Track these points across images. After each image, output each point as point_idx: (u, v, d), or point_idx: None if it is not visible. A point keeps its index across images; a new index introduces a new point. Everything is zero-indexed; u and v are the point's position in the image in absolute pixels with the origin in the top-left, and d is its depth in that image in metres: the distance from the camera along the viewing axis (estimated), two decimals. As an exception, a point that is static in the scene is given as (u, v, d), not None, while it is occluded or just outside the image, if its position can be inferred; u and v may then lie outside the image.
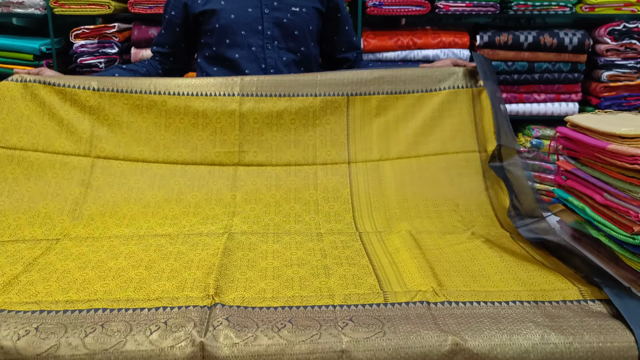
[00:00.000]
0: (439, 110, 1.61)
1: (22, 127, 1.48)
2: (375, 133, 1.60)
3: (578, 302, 1.00)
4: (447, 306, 0.97)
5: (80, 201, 1.44)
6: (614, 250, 1.14)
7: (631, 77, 2.52)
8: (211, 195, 1.49)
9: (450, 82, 1.63)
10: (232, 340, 0.87)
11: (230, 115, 1.55)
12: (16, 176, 1.44)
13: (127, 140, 1.53)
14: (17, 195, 1.41)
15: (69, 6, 2.46)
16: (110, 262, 1.16)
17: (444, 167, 1.56)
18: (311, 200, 1.50)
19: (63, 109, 1.51)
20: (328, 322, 0.92)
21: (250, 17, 1.73)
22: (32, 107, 1.50)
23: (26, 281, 1.06)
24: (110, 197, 1.46)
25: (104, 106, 1.53)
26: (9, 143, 1.47)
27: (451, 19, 2.83)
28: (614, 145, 1.08)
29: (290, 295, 1.03)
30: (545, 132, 2.60)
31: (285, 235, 1.34)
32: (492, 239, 1.32)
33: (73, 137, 1.51)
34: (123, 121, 1.53)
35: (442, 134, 1.59)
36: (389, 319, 0.93)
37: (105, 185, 1.48)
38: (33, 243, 1.28)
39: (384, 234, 1.36)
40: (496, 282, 1.08)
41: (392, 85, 1.61)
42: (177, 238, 1.31)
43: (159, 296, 1.01)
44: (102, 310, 0.95)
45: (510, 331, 0.90)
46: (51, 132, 1.50)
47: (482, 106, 1.61)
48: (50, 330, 0.88)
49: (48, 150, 1.49)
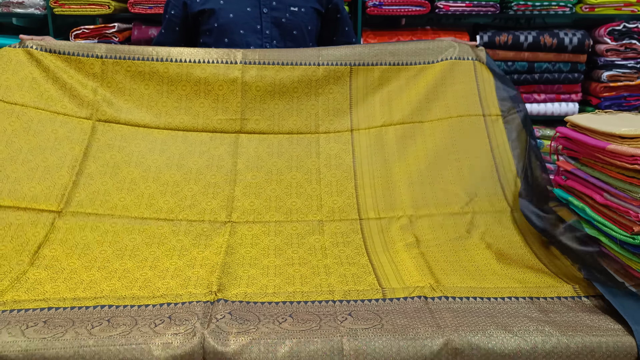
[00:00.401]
0: (441, 79, 1.61)
1: (25, 86, 1.50)
2: (378, 102, 1.60)
3: (572, 298, 1.02)
4: (444, 301, 0.99)
5: (80, 159, 1.44)
6: (614, 250, 1.14)
7: (631, 77, 2.52)
8: (212, 162, 1.49)
9: (451, 54, 1.64)
10: (234, 331, 0.89)
11: (232, 83, 1.56)
12: (15, 128, 1.43)
13: (130, 106, 1.54)
14: (15, 147, 1.40)
15: (69, 6, 2.46)
16: (116, 262, 1.17)
17: (447, 129, 1.55)
18: (313, 168, 1.50)
19: (67, 74, 1.53)
20: (328, 316, 0.94)
21: (248, 17, 1.74)
22: (36, 72, 1.52)
23: (34, 279, 1.08)
24: (111, 159, 1.46)
25: (107, 72, 1.55)
26: (11, 99, 1.48)
27: (451, 19, 2.83)
28: (613, 145, 1.08)
29: (292, 290, 1.04)
30: (545, 132, 2.60)
31: (287, 224, 1.34)
32: (492, 227, 1.32)
33: (75, 100, 1.52)
34: (126, 87, 1.55)
35: (445, 101, 1.59)
36: (386, 313, 0.95)
37: (106, 147, 1.48)
38: (35, 215, 1.27)
39: (384, 223, 1.35)
40: (492, 280, 1.10)
41: (394, 57, 1.62)
42: (179, 225, 1.32)
43: (164, 293, 1.02)
44: (108, 306, 0.97)
45: (505, 325, 0.91)
46: (54, 94, 1.51)
47: (484, 77, 1.62)
48: (59, 323, 0.91)
49: (49, 109, 1.49)
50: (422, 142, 1.53)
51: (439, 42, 1.66)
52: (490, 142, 1.52)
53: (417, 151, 1.52)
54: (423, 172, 1.48)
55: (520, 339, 0.88)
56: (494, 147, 1.51)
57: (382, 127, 1.57)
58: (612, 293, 0.99)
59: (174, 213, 1.36)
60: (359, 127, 1.58)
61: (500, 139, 1.52)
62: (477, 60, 1.64)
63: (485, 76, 1.62)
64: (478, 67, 1.63)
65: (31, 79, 1.51)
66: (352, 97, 1.59)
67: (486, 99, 1.59)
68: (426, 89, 1.60)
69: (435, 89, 1.60)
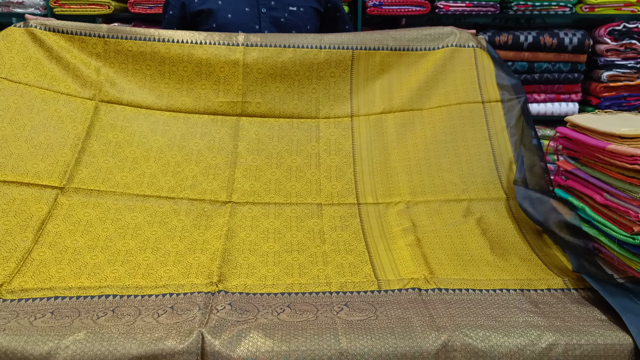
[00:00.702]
0: (442, 66, 1.62)
1: (29, 66, 1.50)
2: (378, 88, 1.61)
3: (562, 290, 1.05)
4: (437, 293, 1.02)
5: (82, 137, 1.44)
6: (614, 250, 1.14)
7: (631, 77, 2.52)
8: (213, 144, 1.51)
9: (452, 41, 1.64)
10: (234, 320, 0.91)
11: (234, 65, 1.55)
12: (19, 106, 1.44)
13: (132, 87, 1.55)
14: (18, 124, 1.40)
15: (69, 6, 2.46)
16: (119, 242, 1.19)
17: (446, 117, 1.56)
18: (313, 153, 1.51)
19: (70, 54, 1.54)
20: (324, 306, 0.97)
21: (247, 17, 1.73)
22: (41, 52, 1.52)
23: (39, 260, 1.11)
24: (113, 138, 1.47)
25: (110, 53, 1.55)
26: (15, 77, 1.48)
27: (451, 19, 2.83)
28: (613, 145, 1.09)
29: (290, 282, 1.08)
30: (545, 132, 2.60)
31: (286, 207, 1.37)
32: (488, 213, 1.33)
33: (79, 80, 1.53)
34: (128, 68, 1.55)
35: (445, 88, 1.60)
36: (381, 304, 0.98)
37: (108, 127, 1.49)
38: (38, 190, 1.29)
39: (382, 208, 1.37)
40: (485, 271, 1.13)
41: (396, 42, 1.63)
42: (180, 204, 1.34)
43: (166, 283, 1.06)
44: (112, 296, 1.00)
45: (495, 316, 0.94)
46: (58, 74, 1.52)
47: (484, 63, 1.62)
48: (65, 314, 0.94)
49: (53, 89, 1.50)
50: (421, 130, 1.55)
51: (441, 29, 1.67)
52: (489, 130, 1.53)
53: (415, 139, 1.53)
54: (421, 160, 1.49)
55: (509, 326, 0.91)
56: (492, 134, 1.52)
57: (382, 114, 1.58)
58: (600, 285, 1.01)
59: (175, 192, 1.38)
60: (359, 113, 1.59)
61: (499, 125, 1.53)
62: (477, 47, 1.64)
63: (485, 63, 1.62)
64: (478, 54, 1.64)
65: (35, 59, 1.52)
66: (352, 82, 1.60)
67: (486, 85, 1.60)
68: (426, 76, 1.61)
69: (435, 76, 1.61)
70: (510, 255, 1.19)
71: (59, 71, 1.52)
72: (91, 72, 1.54)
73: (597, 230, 1.19)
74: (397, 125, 1.56)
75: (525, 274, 1.11)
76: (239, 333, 0.88)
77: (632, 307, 0.93)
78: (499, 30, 2.50)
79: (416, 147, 1.52)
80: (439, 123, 1.54)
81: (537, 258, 1.18)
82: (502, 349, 0.85)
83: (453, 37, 1.65)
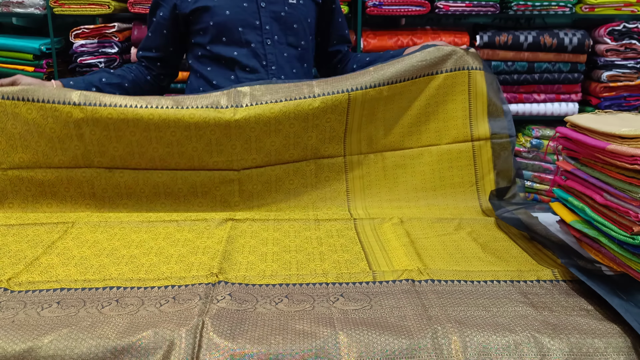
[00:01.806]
0: (434, 97, 1.60)
1: (18, 146, 1.46)
2: (373, 127, 1.59)
3: (551, 281, 1.09)
4: (430, 283, 1.06)
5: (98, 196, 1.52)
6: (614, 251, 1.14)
7: (631, 77, 2.52)
8: (214, 178, 1.52)
9: (449, 65, 1.60)
10: (234, 309, 0.95)
11: (225, 127, 1.47)
12: (34, 194, 1.49)
13: (121, 154, 1.49)
14: (41, 210, 1.50)
15: (69, 6, 2.46)
16: (124, 250, 1.25)
17: (435, 160, 1.59)
18: (310, 201, 1.57)
19: (48, 127, 1.45)
20: (321, 297, 1.01)
21: (246, 12, 1.66)
22: (18, 127, 1.45)
23: (47, 264, 1.16)
24: (121, 179, 1.52)
25: (88, 121, 1.44)
26: (13, 163, 1.47)
27: (451, 19, 2.83)
28: (613, 145, 1.09)
29: (288, 274, 1.12)
30: (545, 132, 2.60)
31: (285, 222, 1.43)
32: (478, 227, 1.40)
33: (68, 153, 1.47)
34: (112, 136, 1.46)
35: (437, 123, 1.60)
36: (376, 294, 1.02)
37: (111, 189, 1.51)
38: (51, 226, 1.38)
39: (377, 222, 1.42)
40: (477, 264, 1.17)
41: (391, 74, 1.56)
42: (184, 224, 1.40)
43: (168, 276, 1.10)
44: (116, 288, 1.05)
45: (486, 305, 0.98)
46: (47, 150, 1.47)
47: (477, 92, 1.60)
48: (71, 304, 0.98)
49: (52, 166, 1.48)
50: (411, 174, 1.60)
51: (440, 50, 1.59)
52: (476, 173, 1.59)
53: (406, 183, 1.59)
54: (411, 200, 1.57)
55: (496, 314, 0.94)
56: (479, 177, 1.58)
57: (371, 154, 1.60)
58: (588, 276, 1.04)
59: (181, 218, 1.45)
60: (351, 152, 1.60)
61: (486, 168, 1.59)
62: (473, 70, 1.60)
63: (478, 90, 1.60)
64: (473, 79, 1.60)
65: (19, 136, 1.45)
66: (347, 123, 1.57)
67: (477, 118, 1.60)
68: (418, 110, 1.60)
69: (427, 109, 1.60)
70: (501, 253, 1.24)
71: (45, 144, 1.46)
72: (76, 143, 1.46)
73: (597, 231, 1.19)
74: (388, 167, 1.59)
75: (515, 266, 1.16)
76: (238, 322, 0.90)
77: (618, 296, 0.97)
78: (499, 30, 2.50)
79: (407, 191, 1.59)
80: (426, 167, 1.59)
81: (527, 255, 1.23)
82: (492, 337, 0.87)
83: (451, 61, 1.59)
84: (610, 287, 1.00)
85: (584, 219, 1.24)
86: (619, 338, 0.88)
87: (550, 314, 0.95)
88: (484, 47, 2.51)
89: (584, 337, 0.88)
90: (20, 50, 2.51)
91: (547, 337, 0.87)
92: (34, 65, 2.51)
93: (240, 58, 1.68)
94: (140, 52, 1.78)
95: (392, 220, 1.41)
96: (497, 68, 2.53)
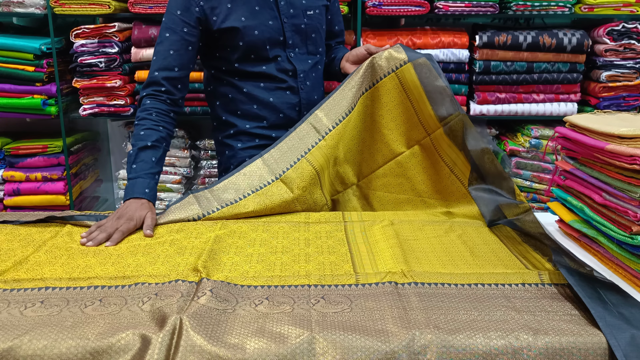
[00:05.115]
0: (378, 111, 1.63)
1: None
2: (339, 165, 1.65)
3: (536, 285, 1.06)
4: (413, 286, 1.05)
5: None
6: (613, 251, 1.14)
7: (630, 77, 2.53)
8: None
9: (375, 76, 1.61)
10: (212, 308, 0.95)
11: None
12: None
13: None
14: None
15: (70, 6, 2.46)
16: (111, 249, 1.27)
17: (409, 167, 1.64)
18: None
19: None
20: (302, 298, 1.00)
21: (272, 30, 1.68)
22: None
23: (34, 262, 1.18)
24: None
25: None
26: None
27: (450, 19, 2.84)
28: (612, 145, 1.09)
29: (270, 275, 1.11)
30: (544, 132, 2.60)
31: (274, 224, 1.42)
32: (469, 230, 1.38)
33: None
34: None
35: (392, 133, 1.64)
36: (357, 297, 1.01)
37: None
38: (43, 226, 1.40)
39: (367, 224, 1.42)
40: (462, 267, 1.16)
41: (339, 113, 1.59)
42: (173, 225, 1.41)
43: (152, 274, 1.11)
44: (101, 287, 1.05)
45: (467, 309, 0.96)
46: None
47: (411, 87, 1.57)
48: (54, 303, 0.98)
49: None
50: (396, 191, 1.66)
51: (358, 70, 1.61)
52: (447, 164, 1.58)
53: (398, 198, 1.65)
54: (402, 201, 1.64)
55: (477, 317, 0.94)
56: (451, 166, 1.57)
57: (351, 188, 1.69)
58: (577, 279, 1.01)
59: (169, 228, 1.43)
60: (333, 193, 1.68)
61: (453, 154, 1.57)
62: (398, 69, 1.58)
63: (412, 86, 1.57)
64: (402, 79, 1.58)
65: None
66: (320, 177, 1.57)
67: (422, 112, 1.59)
68: (371, 128, 1.64)
69: (376, 125, 1.63)
70: (489, 255, 1.22)
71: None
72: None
73: (595, 230, 1.20)
74: (370, 197, 1.68)
75: (501, 269, 1.14)
76: (216, 323, 0.90)
77: (603, 302, 0.95)
78: (498, 31, 2.51)
79: (398, 203, 1.65)
80: (396, 179, 1.65)
81: (515, 258, 1.21)
82: (469, 342, 0.87)
83: (372, 71, 1.61)
84: (598, 293, 0.97)
85: (583, 218, 1.25)
86: (601, 345, 0.86)
87: (532, 318, 0.93)
88: (483, 47, 2.51)
89: (562, 342, 0.86)
90: (20, 50, 2.50)
91: (524, 343, 0.86)
92: (34, 65, 2.51)
93: (269, 71, 1.72)
94: (157, 73, 1.62)
95: (382, 222, 1.41)
96: (497, 68, 2.53)
